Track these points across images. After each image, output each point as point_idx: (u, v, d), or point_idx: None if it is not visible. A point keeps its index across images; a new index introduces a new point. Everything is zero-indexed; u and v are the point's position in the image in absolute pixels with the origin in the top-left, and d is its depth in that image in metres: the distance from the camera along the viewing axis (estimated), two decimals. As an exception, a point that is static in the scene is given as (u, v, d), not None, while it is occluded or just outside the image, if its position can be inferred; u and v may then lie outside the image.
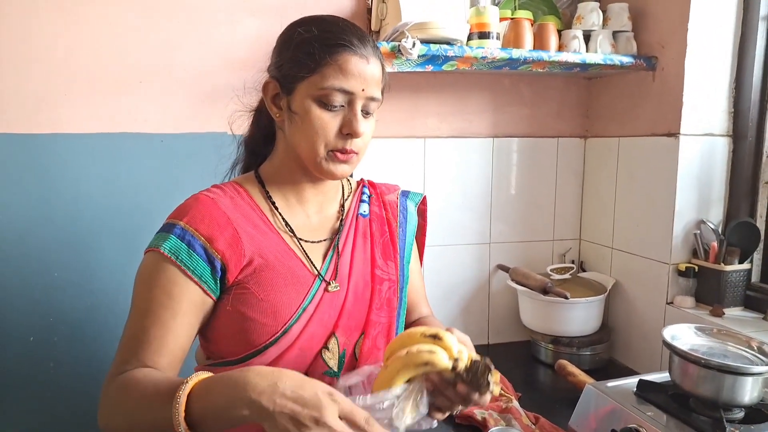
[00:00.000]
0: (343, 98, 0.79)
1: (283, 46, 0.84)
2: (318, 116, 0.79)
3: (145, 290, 0.78)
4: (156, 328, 0.76)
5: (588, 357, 1.49)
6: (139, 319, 0.77)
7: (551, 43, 1.40)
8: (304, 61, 0.79)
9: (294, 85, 0.80)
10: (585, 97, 1.70)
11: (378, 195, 1.02)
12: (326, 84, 0.78)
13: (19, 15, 1.25)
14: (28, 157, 1.29)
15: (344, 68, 0.78)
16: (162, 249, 0.77)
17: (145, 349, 0.76)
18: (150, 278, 0.78)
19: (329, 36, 0.79)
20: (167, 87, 1.36)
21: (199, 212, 0.81)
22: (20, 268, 1.31)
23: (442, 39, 1.26)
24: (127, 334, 0.78)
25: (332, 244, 0.91)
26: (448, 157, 1.59)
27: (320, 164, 0.82)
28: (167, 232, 0.79)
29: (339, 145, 0.81)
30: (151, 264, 0.79)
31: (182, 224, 0.79)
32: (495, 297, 1.69)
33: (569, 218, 1.73)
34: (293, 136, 0.83)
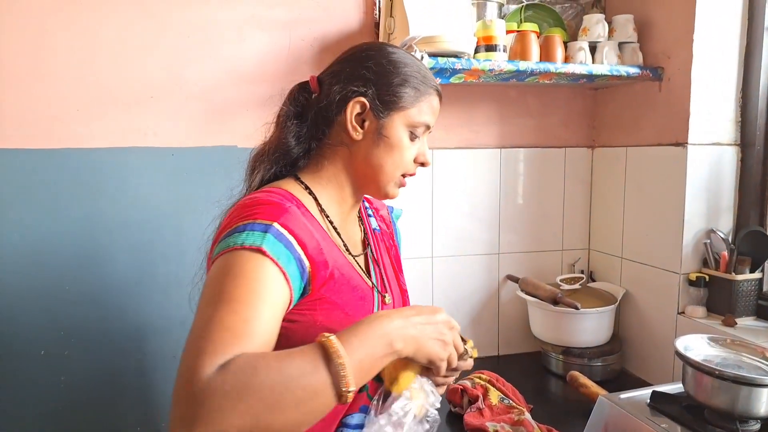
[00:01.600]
0: (422, 131, 0.89)
1: (385, 73, 0.85)
2: (407, 145, 0.87)
3: (239, 279, 0.68)
4: (255, 321, 0.66)
5: (599, 368, 1.48)
6: (232, 305, 0.66)
7: (557, 54, 1.41)
8: (408, 94, 0.85)
9: (390, 113, 0.85)
10: (591, 108, 1.71)
11: (376, 210, 1.07)
12: (421, 119, 0.87)
13: (32, 32, 1.28)
14: (42, 172, 1.30)
15: (433, 107, 0.89)
16: (264, 248, 0.70)
17: (245, 338, 0.63)
18: (246, 270, 0.69)
19: (427, 75, 0.89)
20: (178, 102, 1.38)
21: (289, 215, 0.75)
22: (32, 281, 1.32)
23: (450, 52, 1.28)
24: (218, 320, 0.64)
25: (368, 258, 0.95)
26: (455, 168, 1.60)
27: (389, 188, 0.89)
28: (263, 232, 0.71)
29: (410, 171, 0.89)
30: (246, 259, 0.70)
31: (277, 225, 0.73)
32: (504, 308, 1.69)
33: (578, 228, 1.73)
34: (373, 158, 0.86)
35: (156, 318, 1.40)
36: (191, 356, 0.60)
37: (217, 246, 0.74)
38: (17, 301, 1.31)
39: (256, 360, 0.60)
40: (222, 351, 0.61)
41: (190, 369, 0.59)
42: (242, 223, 0.73)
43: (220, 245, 0.73)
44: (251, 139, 1.43)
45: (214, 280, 0.69)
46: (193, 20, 1.37)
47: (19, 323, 1.32)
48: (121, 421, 1.40)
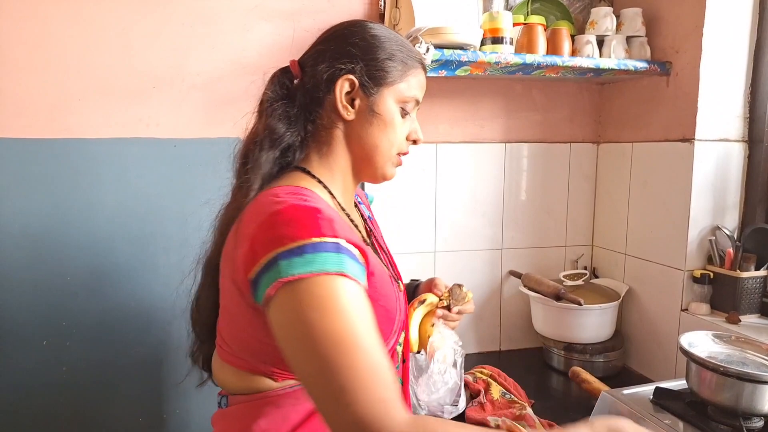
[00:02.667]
0: (412, 107, 0.87)
1: (371, 48, 0.83)
2: (400, 122, 0.86)
3: (353, 317, 0.65)
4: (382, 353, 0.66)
5: (601, 364, 1.47)
6: (368, 349, 0.65)
7: (564, 48, 1.39)
8: (396, 68, 0.84)
9: (380, 88, 0.83)
10: (598, 103, 1.70)
11: (361, 197, 1.07)
12: (410, 93, 0.85)
13: (33, 22, 1.26)
14: (42, 162, 1.30)
15: (421, 81, 0.88)
16: (347, 273, 0.67)
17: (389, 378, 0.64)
18: (353, 303, 0.67)
19: (412, 51, 0.87)
20: (180, 92, 1.37)
21: (339, 223, 0.71)
22: (34, 272, 1.31)
23: (456, 44, 1.26)
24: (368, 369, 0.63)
25: (373, 246, 0.94)
26: (460, 162, 1.59)
27: (386, 167, 0.87)
28: (337, 253, 0.68)
29: (404, 148, 0.88)
30: (345, 288, 0.67)
31: (344, 243, 0.69)
32: (507, 303, 1.68)
33: (582, 224, 1.72)
34: (368, 136, 0.83)
35: (157, 309, 1.39)
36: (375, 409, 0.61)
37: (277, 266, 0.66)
38: (18, 292, 1.31)
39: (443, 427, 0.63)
40: (388, 396, 0.62)
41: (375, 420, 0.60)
42: (307, 242, 0.67)
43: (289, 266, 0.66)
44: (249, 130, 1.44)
45: (318, 320, 0.64)
46: (196, 10, 1.36)
47: (20, 314, 1.31)
48: (122, 411, 1.40)
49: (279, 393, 0.78)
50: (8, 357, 1.31)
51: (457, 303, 1.06)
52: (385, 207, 1.52)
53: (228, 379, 0.82)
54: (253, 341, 0.76)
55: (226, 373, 0.82)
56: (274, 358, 0.75)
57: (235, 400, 0.81)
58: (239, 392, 0.80)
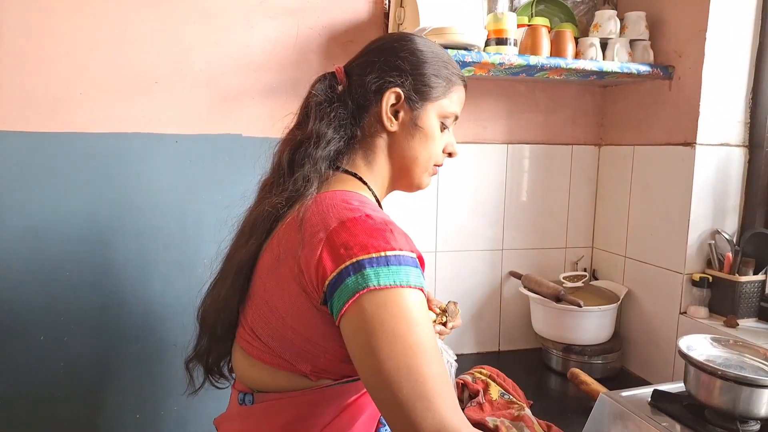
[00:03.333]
0: (451, 122, 0.91)
1: (420, 64, 0.86)
2: (439, 136, 0.89)
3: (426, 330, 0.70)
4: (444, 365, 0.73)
5: (600, 366, 1.48)
6: (438, 360, 0.69)
7: (568, 50, 1.40)
8: (441, 85, 0.87)
9: (424, 103, 0.86)
10: (600, 105, 1.70)
11: None
12: (451, 110, 0.89)
13: (37, 17, 1.26)
14: (44, 155, 1.29)
15: (461, 98, 0.92)
16: (423, 288, 0.73)
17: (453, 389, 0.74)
18: (422, 315, 0.71)
19: (456, 68, 0.91)
20: (183, 88, 1.37)
21: (407, 236, 0.75)
22: (33, 266, 1.31)
23: (460, 44, 1.27)
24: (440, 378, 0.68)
25: None
26: (461, 163, 1.59)
27: (422, 177, 0.91)
28: (416, 267, 0.72)
29: (440, 161, 0.92)
30: (416, 301, 0.71)
31: (415, 256, 0.74)
32: (507, 304, 1.69)
33: (582, 226, 1.73)
34: (409, 148, 0.87)
35: (156, 305, 1.39)
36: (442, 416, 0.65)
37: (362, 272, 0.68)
38: (17, 286, 1.30)
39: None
40: (456, 405, 0.68)
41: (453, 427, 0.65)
42: (391, 253, 0.70)
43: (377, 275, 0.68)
44: (256, 128, 1.44)
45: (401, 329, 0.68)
46: (200, 6, 1.35)
47: (19, 308, 1.31)
48: (119, 407, 1.40)
49: (314, 391, 0.78)
50: (6, 352, 1.31)
51: (452, 320, 1.10)
52: (387, 207, 1.51)
53: (259, 377, 0.82)
54: (301, 341, 0.76)
55: (257, 370, 0.82)
56: (317, 358, 0.77)
57: (265, 397, 0.81)
58: (271, 390, 0.81)
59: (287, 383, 0.79)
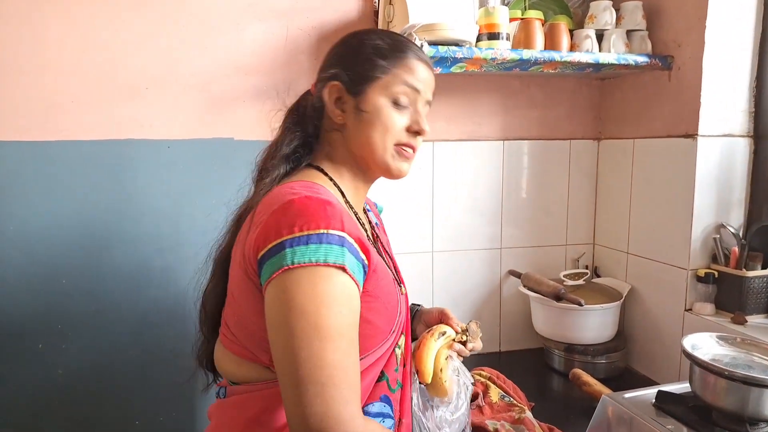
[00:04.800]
0: (410, 98, 0.85)
1: (352, 51, 0.87)
2: (389, 113, 0.84)
3: (339, 312, 0.69)
4: (355, 350, 0.71)
5: (603, 365, 1.44)
6: (343, 347, 0.68)
7: (563, 43, 1.36)
8: (377, 64, 0.84)
9: (364, 87, 0.84)
10: (598, 99, 1.66)
11: (371, 205, 1.09)
12: (399, 83, 0.84)
13: (27, 24, 1.25)
14: (38, 164, 1.29)
15: (413, 70, 0.85)
16: (347, 266, 0.70)
17: (355, 375, 0.69)
18: (336, 297, 0.69)
19: (398, 44, 0.87)
20: (174, 93, 1.35)
21: (348, 220, 0.73)
22: (29, 275, 1.30)
23: (451, 40, 1.24)
24: (341, 367, 0.67)
25: (379, 249, 0.94)
26: (457, 160, 1.56)
27: (387, 161, 0.85)
28: (341, 246, 0.70)
29: (404, 140, 0.86)
30: (333, 281, 0.69)
31: (347, 237, 0.71)
32: (506, 303, 1.65)
33: (583, 222, 1.69)
34: (360, 134, 0.85)
35: (152, 312, 1.38)
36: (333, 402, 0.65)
37: (283, 252, 0.69)
38: (14, 295, 1.30)
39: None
40: (349, 398, 0.67)
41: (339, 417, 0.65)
42: (314, 232, 0.69)
43: (294, 253, 0.68)
44: (248, 131, 1.42)
45: (310, 306, 0.67)
46: (188, 10, 1.34)
47: (17, 317, 1.30)
48: (118, 413, 1.39)
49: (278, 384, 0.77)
50: (4, 359, 1.30)
51: (473, 340, 1.03)
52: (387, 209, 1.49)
53: (229, 368, 0.84)
54: (256, 329, 0.76)
55: (227, 361, 0.84)
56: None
57: (234, 390, 0.83)
58: (239, 381, 0.82)
59: (254, 375, 0.80)
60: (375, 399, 0.83)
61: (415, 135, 0.87)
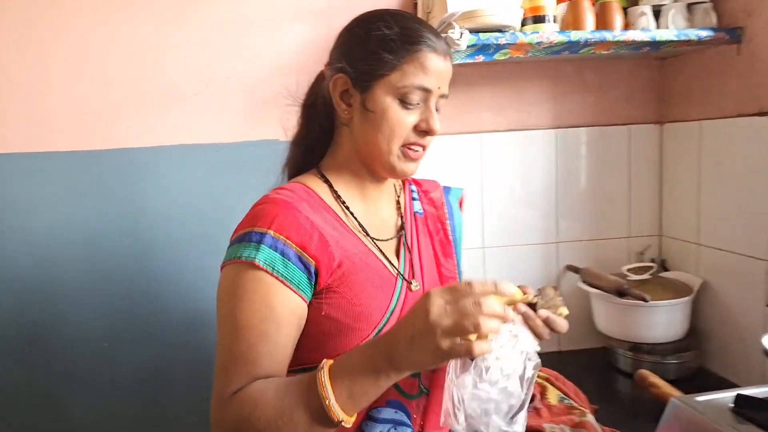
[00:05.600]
0: (420, 96, 0.80)
1: (358, 42, 0.82)
2: (396, 114, 0.79)
3: (242, 305, 0.72)
4: (263, 343, 0.70)
5: (674, 366, 1.34)
6: (242, 335, 0.71)
7: (615, 22, 1.28)
8: (384, 59, 0.78)
9: (370, 83, 0.80)
10: (658, 80, 1.55)
11: (424, 192, 1.01)
12: (407, 82, 0.78)
13: (72, 39, 1.32)
14: (91, 173, 1.35)
15: (425, 66, 0.79)
16: (257, 261, 0.71)
17: (257, 366, 0.70)
18: (246, 291, 0.72)
19: (409, 33, 0.79)
20: (220, 97, 1.38)
21: (285, 218, 0.75)
22: (91, 278, 1.38)
23: (493, 26, 1.19)
24: (231, 352, 0.71)
25: (400, 243, 0.90)
26: (506, 152, 1.50)
27: (392, 162, 0.82)
28: (258, 242, 0.73)
29: (413, 140, 0.81)
30: (245, 276, 0.72)
31: (272, 233, 0.73)
32: (565, 300, 1.55)
33: (647, 213, 1.58)
34: (366, 133, 0.82)
35: (201, 312, 1.42)
36: (214, 389, 0.70)
37: (227, 249, 0.77)
38: (81, 297, 1.38)
39: (258, 394, 0.66)
40: (235, 381, 0.69)
41: (215, 398, 0.70)
42: (244, 231, 0.75)
43: (228, 252, 0.76)
44: (293, 132, 1.43)
45: (224, 300, 0.74)
46: (227, 16, 1.36)
47: (84, 317, 1.38)
48: (180, 408, 1.43)
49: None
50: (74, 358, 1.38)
51: (547, 306, 0.83)
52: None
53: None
54: None
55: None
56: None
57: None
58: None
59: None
60: (381, 404, 0.80)
61: (424, 134, 0.82)
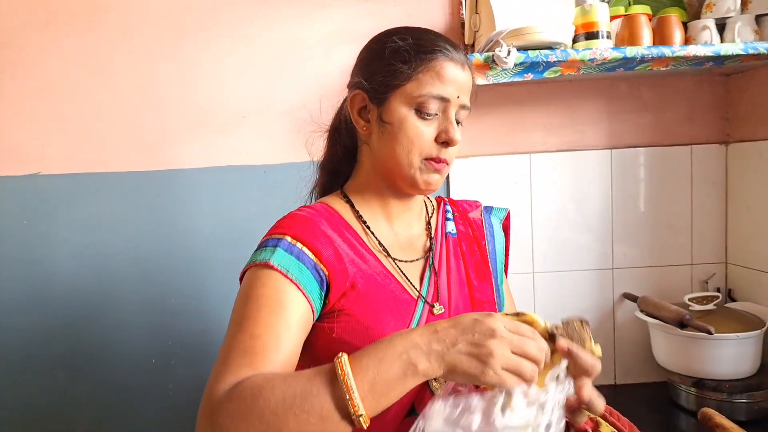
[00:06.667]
0: (438, 106, 0.78)
1: (373, 57, 0.83)
2: (414, 125, 0.78)
3: (252, 300, 0.70)
4: (269, 336, 0.67)
5: (744, 405, 1.22)
6: (248, 327, 0.68)
7: (675, 36, 1.22)
8: (399, 69, 0.77)
9: (386, 95, 0.79)
10: (723, 97, 1.46)
11: (461, 213, 0.97)
12: (423, 91, 0.77)
13: (141, 63, 1.39)
14: (147, 192, 1.41)
15: (441, 74, 0.77)
16: (272, 262, 0.71)
17: (261, 359, 0.65)
18: (258, 289, 0.71)
19: (424, 43, 0.78)
20: (269, 120, 1.42)
21: (303, 228, 0.76)
22: (142, 294, 1.42)
23: (542, 44, 1.16)
24: (235, 344, 0.67)
25: (427, 264, 0.87)
26: (558, 173, 1.45)
27: (414, 175, 0.80)
28: (274, 247, 0.73)
29: (434, 153, 0.79)
30: (259, 277, 0.72)
31: (289, 239, 0.74)
32: (621, 330, 1.48)
33: (711, 238, 1.48)
34: (384, 147, 0.81)
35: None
36: (210, 379, 0.65)
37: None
38: (130, 313, 1.42)
39: (264, 381, 0.61)
40: (234, 371, 0.64)
41: (207, 391, 0.64)
42: (263, 240, 0.77)
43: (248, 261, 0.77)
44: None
45: (237, 303, 0.73)
46: (279, 41, 1.40)
47: (132, 333, 1.42)
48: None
49: None
50: (121, 373, 1.42)
51: (570, 338, 0.68)
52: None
53: None
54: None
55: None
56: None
57: None
58: None
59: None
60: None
61: (445, 146, 0.79)
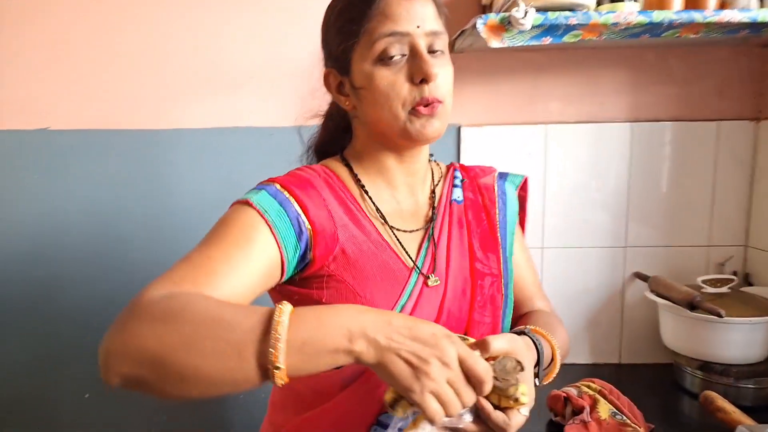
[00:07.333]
0: (399, 46, 0.73)
1: (326, 28, 0.82)
2: (382, 76, 0.74)
3: (221, 229, 0.69)
4: (223, 263, 0.64)
5: (750, 391, 1.19)
6: (206, 249, 0.66)
7: (709, 1, 1.14)
8: (348, 28, 0.76)
9: (348, 59, 0.77)
10: (758, 70, 1.37)
11: (472, 179, 0.93)
12: (375, 36, 0.73)
13: (142, 23, 1.37)
14: (154, 152, 1.40)
15: (387, 12, 0.73)
16: (251, 200, 0.71)
17: (207, 280, 0.62)
18: (230, 221, 0.70)
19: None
20: (276, 81, 1.39)
21: (297, 182, 0.76)
22: (149, 252, 1.42)
23: (563, 5, 1.09)
24: (187, 259, 0.65)
25: (426, 234, 0.84)
26: (575, 145, 1.39)
27: (406, 128, 0.75)
28: (259, 189, 0.74)
29: (416, 96, 0.74)
30: (235, 210, 0.71)
31: (277, 185, 0.74)
32: (630, 310, 1.45)
33: (732, 220, 1.41)
34: (368, 112, 0.78)
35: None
36: (149, 283, 0.63)
37: None
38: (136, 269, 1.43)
39: (199, 297, 0.59)
40: (176, 282, 0.62)
41: (140, 291, 0.61)
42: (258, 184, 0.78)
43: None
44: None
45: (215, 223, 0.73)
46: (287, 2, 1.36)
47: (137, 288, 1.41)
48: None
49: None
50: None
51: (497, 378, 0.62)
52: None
53: None
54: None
55: None
56: None
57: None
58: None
59: None
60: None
61: (423, 84, 0.73)
